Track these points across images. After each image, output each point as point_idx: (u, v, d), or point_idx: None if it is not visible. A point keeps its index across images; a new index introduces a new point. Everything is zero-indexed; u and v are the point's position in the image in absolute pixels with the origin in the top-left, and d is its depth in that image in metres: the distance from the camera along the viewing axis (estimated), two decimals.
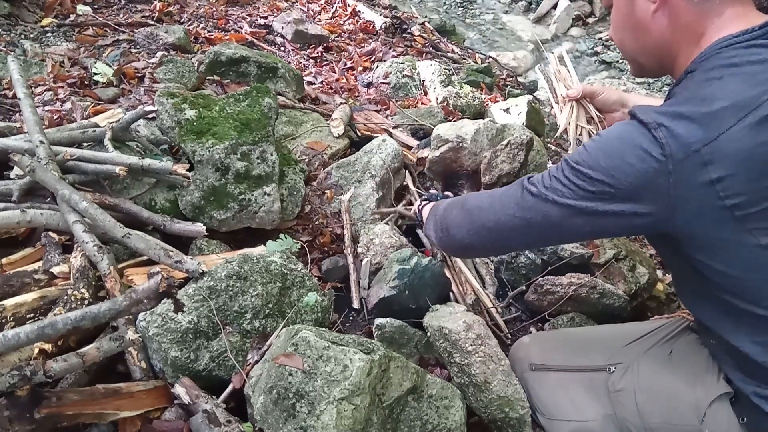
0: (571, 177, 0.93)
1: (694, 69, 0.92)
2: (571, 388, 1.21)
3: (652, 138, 0.86)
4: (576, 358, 1.22)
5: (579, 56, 6.09)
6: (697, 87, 0.89)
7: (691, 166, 0.84)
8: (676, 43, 0.96)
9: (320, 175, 2.00)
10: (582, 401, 1.19)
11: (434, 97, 2.99)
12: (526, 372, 1.28)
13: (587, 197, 0.92)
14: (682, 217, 0.88)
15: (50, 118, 1.89)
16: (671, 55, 0.99)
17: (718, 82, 0.87)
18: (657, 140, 0.85)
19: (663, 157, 0.85)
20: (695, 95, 0.88)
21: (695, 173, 0.84)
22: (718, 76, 0.87)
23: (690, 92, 0.90)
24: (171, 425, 1.13)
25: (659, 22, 0.96)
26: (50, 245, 1.36)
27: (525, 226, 1.01)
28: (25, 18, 2.80)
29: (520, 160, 1.93)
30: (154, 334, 1.19)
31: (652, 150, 0.85)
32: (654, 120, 0.87)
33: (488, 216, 1.06)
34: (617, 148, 0.89)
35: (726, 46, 0.89)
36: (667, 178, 0.85)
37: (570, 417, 1.19)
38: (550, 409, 1.23)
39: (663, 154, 0.85)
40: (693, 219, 0.87)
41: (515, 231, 1.04)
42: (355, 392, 1.05)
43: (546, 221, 0.98)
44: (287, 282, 1.36)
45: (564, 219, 0.96)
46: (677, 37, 0.96)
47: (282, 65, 2.52)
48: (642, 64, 1.07)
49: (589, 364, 1.20)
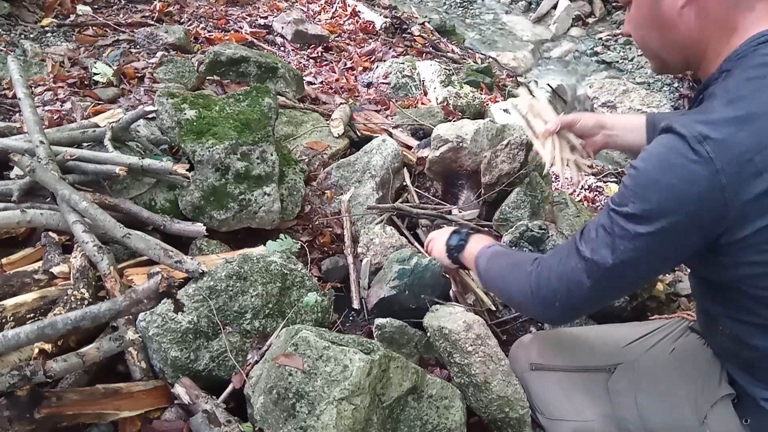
0: (623, 224, 0.89)
1: (731, 68, 0.88)
2: (571, 388, 1.21)
3: (697, 154, 0.80)
4: (576, 358, 1.22)
5: (579, 56, 6.09)
6: (738, 87, 0.85)
7: (745, 177, 0.79)
8: (705, 40, 0.92)
9: (320, 175, 2.00)
10: (582, 401, 1.18)
11: (434, 97, 2.99)
12: (526, 372, 1.28)
13: (649, 240, 0.87)
14: (740, 230, 0.83)
15: (50, 118, 1.89)
16: (699, 52, 0.95)
17: (762, 81, 0.83)
18: (703, 156, 0.80)
19: (714, 173, 0.79)
20: (737, 96, 0.84)
21: (751, 184, 0.79)
22: (760, 75, 0.83)
23: (731, 94, 0.85)
24: (171, 425, 1.13)
25: (687, 18, 0.92)
26: (50, 245, 1.36)
27: (606, 290, 0.99)
28: (25, 18, 2.81)
29: (520, 160, 1.93)
30: (154, 334, 1.19)
31: (699, 169, 0.80)
32: (698, 133, 0.81)
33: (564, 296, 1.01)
34: (663, 179, 0.83)
35: (763, 42, 0.85)
36: (722, 194, 0.80)
37: (570, 417, 1.18)
38: (550, 409, 1.23)
39: (713, 169, 0.79)
40: (752, 231, 0.83)
41: (599, 302, 1.04)
42: (355, 392, 1.05)
43: (623, 280, 0.96)
44: (287, 282, 1.36)
45: (636, 268, 0.92)
46: (706, 33, 0.92)
47: (282, 65, 2.52)
48: (665, 61, 1.03)
49: (589, 364, 1.20)
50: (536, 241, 1.76)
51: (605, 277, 0.94)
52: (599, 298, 1.02)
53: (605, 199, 2.89)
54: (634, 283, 1.07)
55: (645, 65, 5.80)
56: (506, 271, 1.17)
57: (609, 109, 5.23)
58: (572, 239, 1.01)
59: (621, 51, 6.07)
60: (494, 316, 1.64)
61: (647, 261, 0.91)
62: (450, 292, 1.60)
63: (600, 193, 2.94)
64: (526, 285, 1.06)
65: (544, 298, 1.03)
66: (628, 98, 5.22)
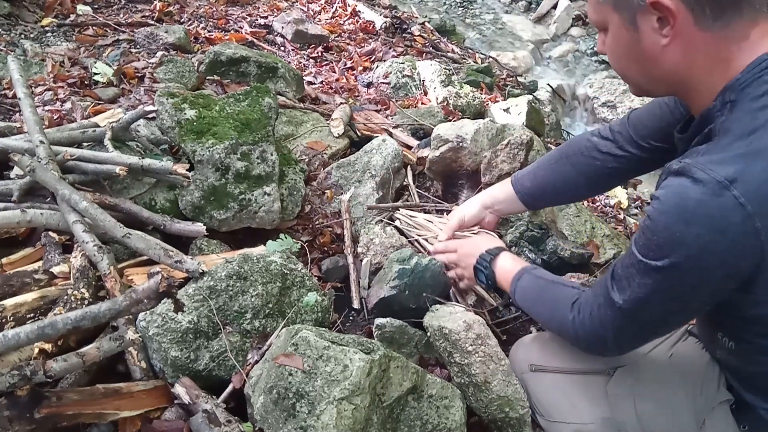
0: (654, 276, 0.86)
1: (735, 98, 0.83)
2: (571, 390, 1.20)
3: (725, 200, 0.75)
4: (576, 360, 1.22)
5: (579, 56, 6.08)
6: (752, 118, 0.80)
7: None
8: (695, 75, 0.88)
9: (320, 175, 2.00)
10: (581, 404, 1.18)
11: (434, 97, 2.99)
12: (526, 373, 1.28)
13: (685, 292, 0.86)
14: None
15: (50, 118, 1.88)
16: (688, 85, 0.90)
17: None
18: (731, 202, 0.75)
19: (747, 219, 0.75)
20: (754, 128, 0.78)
21: None
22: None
23: (744, 125, 0.80)
24: (171, 425, 1.13)
25: (672, 55, 0.87)
26: (50, 245, 1.36)
27: (650, 333, 1.02)
28: (25, 18, 2.80)
29: (520, 160, 1.93)
30: (154, 334, 1.19)
31: (729, 216, 0.76)
32: (722, 177, 0.76)
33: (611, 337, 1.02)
34: (688, 232, 0.79)
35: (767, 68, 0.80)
36: (757, 238, 0.77)
37: (569, 419, 1.18)
38: (549, 411, 1.22)
39: (745, 215, 0.75)
40: None
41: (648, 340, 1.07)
42: (355, 392, 1.05)
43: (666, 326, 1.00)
44: (287, 282, 1.36)
45: (675, 315, 0.94)
46: (695, 68, 0.87)
47: (282, 65, 2.52)
48: (648, 91, 1.00)
49: (588, 367, 1.20)
50: (536, 241, 1.76)
51: (645, 326, 0.97)
52: (646, 338, 1.05)
53: (605, 200, 2.89)
54: (678, 325, 1.13)
55: None
56: (547, 312, 1.19)
57: (609, 109, 5.23)
58: (604, 283, 0.99)
59: None
60: (494, 316, 1.63)
61: (683, 309, 0.92)
62: (450, 292, 1.60)
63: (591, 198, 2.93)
64: (570, 329, 1.09)
65: (593, 343, 1.07)
66: (628, 98, 5.21)
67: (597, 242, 1.92)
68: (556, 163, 1.39)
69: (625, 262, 0.94)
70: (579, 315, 1.06)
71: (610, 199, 2.90)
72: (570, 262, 1.73)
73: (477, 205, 1.51)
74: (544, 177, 1.40)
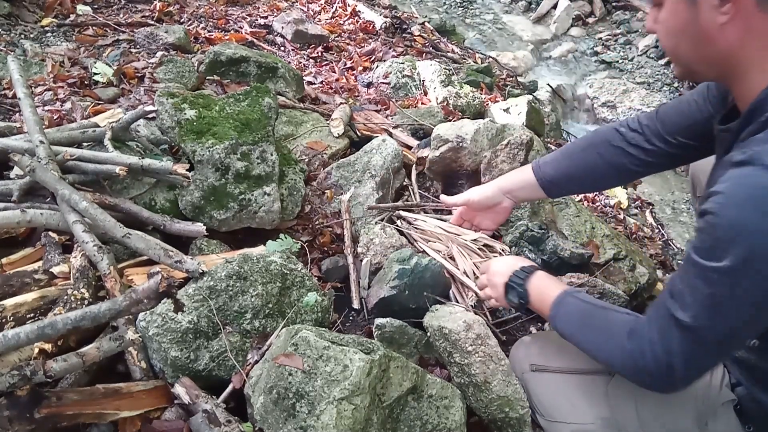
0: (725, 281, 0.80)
1: None
2: (571, 390, 1.19)
3: None
4: (577, 360, 1.21)
5: (579, 56, 6.08)
6: None
7: None
8: (749, 57, 0.86)
9: (320, 175, 2.00)
10: (582, 404, 1.17)
11: (434, 97, 2.99)
12: (527, 372, 1.27)
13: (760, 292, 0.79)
14: None
15: (50, 118, 1.88)
16: (739, 69, 0.88)
17: None
18: None
19: None
20: None
21: None
22: None
23: None
24: (171, 425, 1.13)
25: (729, 34, 0.85)
26: (50, 245, 1.36)
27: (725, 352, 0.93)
28: (25, 18, 2.80)
29: (520, 160, 1.93)
30: (154, 334, 1.19)
31: None
32: None
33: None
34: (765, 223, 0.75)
35: None
36: None
37: (569, 419, 1.17)
38: (549, 411, 1.22)
39: None
40: None
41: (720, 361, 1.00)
42: (355, 392, 1.05)
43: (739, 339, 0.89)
44: (287, 282, 1.36)
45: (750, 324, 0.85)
46: (751, 51, 0.85)
47: (282, 65, 2.52)
48: (695, 72, 0.98)
49: (589, 367, 1.19)
50: (536, 241, 1.76)
51: (720, 343, 0.87)
52: (720, 358, 0.99)
53: (605, 200, 2.88)
54: (753, 334, 0.96)
55: (645, 65, 5.80)
56: (596, 342, 1.06)
57: (609, 109, 5.23)
58: (663, 304, 0.92)
59: (621, 51, 6.07)
60: (494, 316, 1.64)
61: (759, 313, 0.83)
62: (450, 292, 1.60)
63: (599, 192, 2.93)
64: (629, 362, 0.97)
65: (658, 374, 0.93)
66: (628, 98, 5.22)
67: (597, 242, 1.92)
68: (583, 152, 1.36)
69: (683, 274, 0.88)
70: (638, 344, 0.95)
71: (610, 199, 2.90)
72: (570, 262, 1.73)
73: (493, 188, 1.45)
74: (569, 166, 1.37)
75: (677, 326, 0.87)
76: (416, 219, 1.81)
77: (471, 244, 1.69)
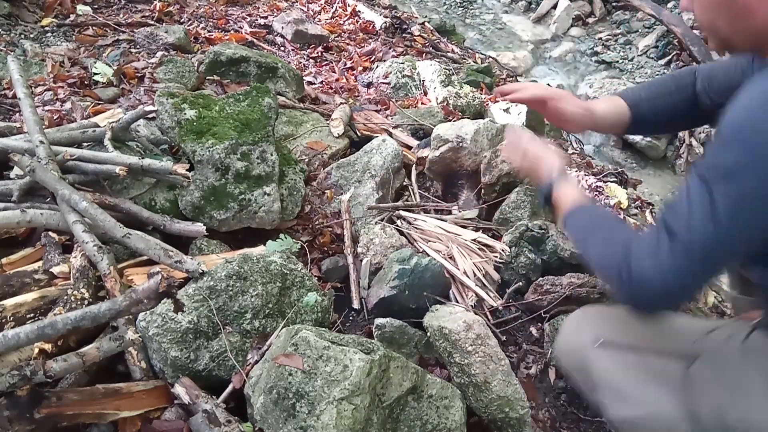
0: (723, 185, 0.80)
1: None
2: (643, 371, 1.09)
3: None
4: (652, 339, 1.11)
5: (579, 56, 6.08)
6: None
7: None
8: None
9: (320, 175, 2.00)
10: (653, 387, 1.06)
11: (434, 97, 2.99)
12: (590, 347, 1.13)
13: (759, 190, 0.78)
14: None
15: (50, 118, 1.89)
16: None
17: None
18: None
19: None
20: None
21: None
22: None
23: None
24: (171, 425, 1.13)
25: (766, 5, 0.85)
26: (50, 245, 1.36)
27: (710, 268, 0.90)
28: (25, 18, 2.81)
29: None
30: (154, 334, 1.19)
31: None
32: None
33: None
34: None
35: None
36: None
37: (637, 401, 1.06)
38: (616, 391, 1.09)
39: None
40: None
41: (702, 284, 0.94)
42: (355, 392, 1.05)
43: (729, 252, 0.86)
44: (287, 282, 1.36)
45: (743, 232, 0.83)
46: None
47: (282, 65, 2.52)
48: (732, 45, 0.97)
49: (667, 348, 1.09)
50: (536, 241, 1.76)
51: (710, 254, 0.86)
52: (715, 270, 0.94)
53: (605, 200, 2.88)
54: (740, 253, 0.93)
55: (645, 65, 5.80)
56: (596, 250, 1.04)
57: None
58: (660, 218, 0.92)
59: (621, 51, 6.07)
60: (494, 316, 1.64)
61: (757, 218, 0.82)
62: (450, 292, 1.60)
63: (600, 192, 2.93)
64: (623, 270, 0.95)
65: (652, 285, 0.91)
66: None
67: None
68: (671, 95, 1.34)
69: (683, 189, 0.88)
70: (637, 254, 0.94)
71: (610, 199, 2.90)
72: (570, 262, 1.73)
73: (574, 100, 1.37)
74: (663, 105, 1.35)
75: (670, 238, 0.88)
76: (416, 219, 1.82)
77: (471, 244, 1.69)
